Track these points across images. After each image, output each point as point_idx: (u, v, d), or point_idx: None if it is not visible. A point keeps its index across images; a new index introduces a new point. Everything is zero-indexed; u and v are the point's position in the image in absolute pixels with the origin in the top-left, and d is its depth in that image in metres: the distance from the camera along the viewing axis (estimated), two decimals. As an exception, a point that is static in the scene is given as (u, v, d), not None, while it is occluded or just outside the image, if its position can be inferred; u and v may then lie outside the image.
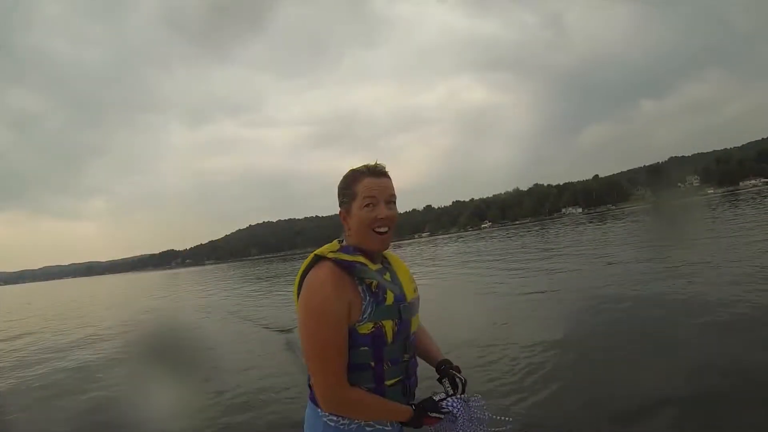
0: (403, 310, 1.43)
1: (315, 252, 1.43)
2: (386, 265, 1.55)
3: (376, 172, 1.45)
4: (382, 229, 1.44)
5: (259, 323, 10.02)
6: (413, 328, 1.50)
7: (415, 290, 1.56)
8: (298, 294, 1.44)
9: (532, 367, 4.81)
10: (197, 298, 20.79)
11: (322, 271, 1.38)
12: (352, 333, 1.36)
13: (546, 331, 6.22)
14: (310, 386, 1.45)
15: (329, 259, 1.39)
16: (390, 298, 1.40)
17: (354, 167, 1.48)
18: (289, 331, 8.20)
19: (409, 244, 73.90)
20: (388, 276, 1.48)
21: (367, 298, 1.37)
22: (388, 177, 1.48)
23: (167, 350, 7.75)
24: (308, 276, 1.41)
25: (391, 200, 1.46)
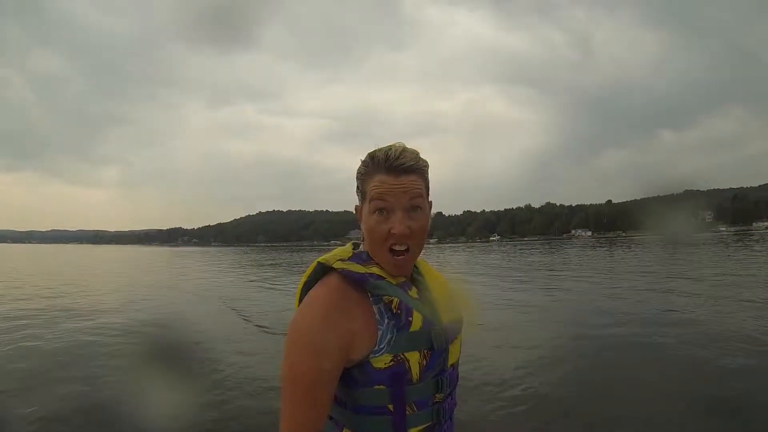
0: (436, 337, 1.04)
1: (319, 259, 1.07)
2: (416, 276, 1.17)
3: (395, 167, 1.03)
4: (398, 247, 1.05)
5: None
6: (452, 360, 1.11)
7: (456, 310, 1.16)
8: None
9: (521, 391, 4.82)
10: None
11: (323, 290, 1.03)
12: (365, 367, 1.00)
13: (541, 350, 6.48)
14: None
15: (336, 270, 1.04)
16: (417, 321, 1.03)
17: (375, 150, 1.07)
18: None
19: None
20: (414, 292, 1.09)
21: (386, 321, 1.01)
22: (416, 172, 1.06)
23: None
24: (307, 295, 1.05)
25: (414, 205, 1.05)
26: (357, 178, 1.11)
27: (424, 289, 1.14)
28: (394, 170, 1.03)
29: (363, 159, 1.09)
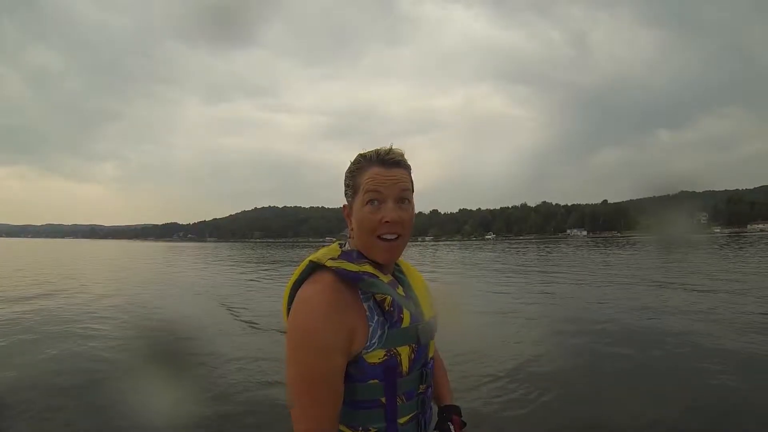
0: (422, 332, 1.12)
1: (310, 258, 1.11)
2: (399, 274, 1.23)
3: (387, 160, 1.12)
4: (389, 236, 1.10)
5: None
6: (431, 353, 1.19)
7: (433, 306, 1.25)
8: (288, 311, 1.10)
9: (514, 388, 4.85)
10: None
11: (318, 286, 1.05)
12: (359, 363, 1.05)
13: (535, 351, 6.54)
14: None
15: (328, 268, 1.07)
16: (407, 318, 1.09)
17: (364, 151, 1.16)
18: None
19: (412, 246, 73.91)
20: (401, 290, 1.16)
21: (375, 318, 1.06)
22: (404, 167, 1.15)
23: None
24: (300, 292, 1.07)
25: (403, 197, 1.12)
26: (347, 177, 1.17)
27: (407, 287, 1.20)
28: (386, 163, 1.12)
29: (353, 160, 1.17)
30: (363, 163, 1.14)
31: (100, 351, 6.51)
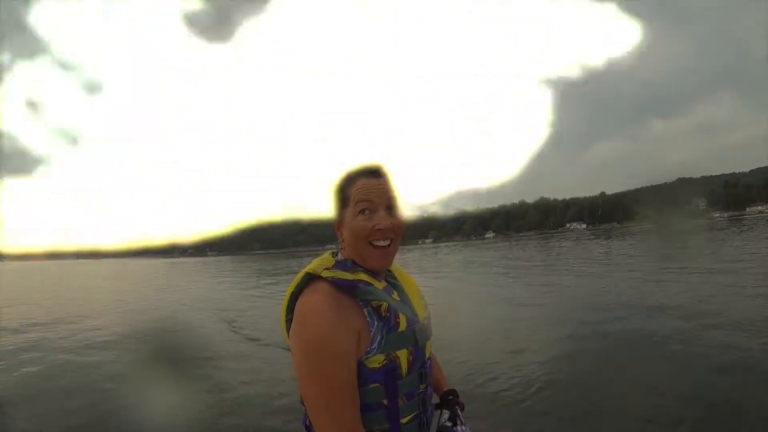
0: (419, 334, 1.17)
1: (306, 269, 1.14)
2: (392, 280, 1.28)
3: (373, 171, 1.18)
4: (381, 242, 1.15)
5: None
6: (428, 353, 1.23)
7: (426, 307, 1.30)
8: (288, 323, 1.15)
9: (523, 379, 4.91)
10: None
11: (319, 296, 1.08)
12: (360, 368, 1.08)
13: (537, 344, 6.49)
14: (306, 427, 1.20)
15: (325, 279, 1.11)
16: (403, 322, 1.13)
17: (350, 169, 1.21)
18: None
19: (410, 250, 73.84)
20: (396, 295, 1.21)
21: (375, 324, 1.09)
22: (387, 177, 1.20)
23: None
24: (301, 302, 1.11)
25: (392, 204, 1.18)
26: (337, 191, 1.21)
27: (401, 291, 1.25)
28: (373, 173, 1.18)
29: (340, 176, 1.22)
30: (352, 176, 1.19)
31: (101, 381, 6.26)
